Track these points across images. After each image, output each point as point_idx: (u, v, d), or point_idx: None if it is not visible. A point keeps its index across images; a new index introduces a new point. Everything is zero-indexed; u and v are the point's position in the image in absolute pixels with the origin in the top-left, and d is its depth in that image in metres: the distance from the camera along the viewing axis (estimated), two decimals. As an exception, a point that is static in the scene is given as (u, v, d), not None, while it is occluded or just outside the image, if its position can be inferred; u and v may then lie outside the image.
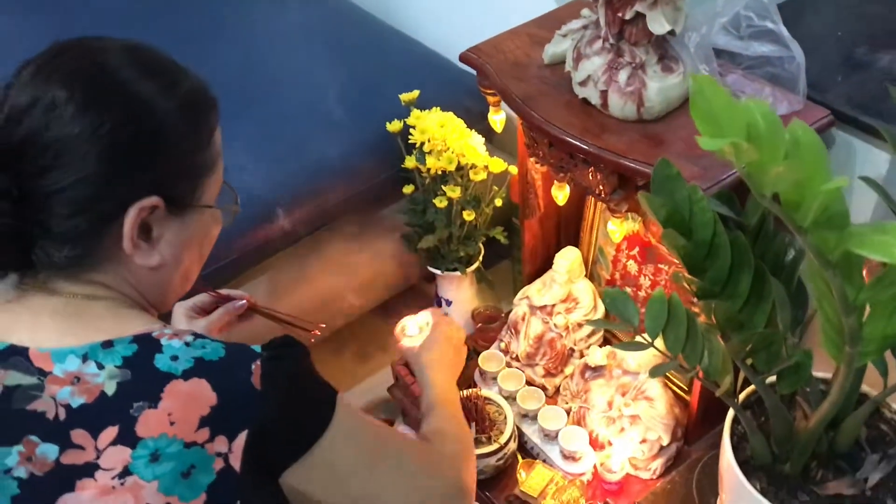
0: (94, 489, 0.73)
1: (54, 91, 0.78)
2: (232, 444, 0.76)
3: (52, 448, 0.75)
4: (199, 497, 0.75)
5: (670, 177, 0.96)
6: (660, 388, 1.46)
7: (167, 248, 0.86)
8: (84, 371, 0.76)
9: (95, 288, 0.83)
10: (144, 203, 0.81)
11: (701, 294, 0.96)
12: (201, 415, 0.75)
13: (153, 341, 0.79)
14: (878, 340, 0.83)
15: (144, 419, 0.75)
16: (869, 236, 0.64)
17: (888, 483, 1.16)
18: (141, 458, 0.74)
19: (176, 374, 0.77)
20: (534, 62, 1.31)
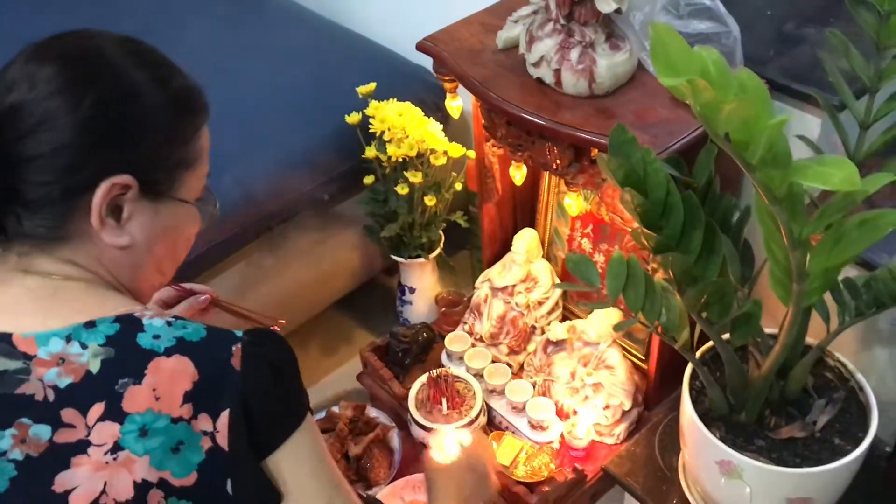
0: (88, 465, 0.75)
1: (46, 67, 0.81)
2: (216, 423, 0.78)
3: (45, 428, 0.76)
4: (191, 475, 0.77)
5: (626, 141, 1.03)
6: (619, 357, 1.53)
7: (138, 231, 0.86)
8: (68, 352, 0.78)
9: (71, 268, 0.85)
10: (116, 180, 0.82)
11: (658, 248, 1.03)
12: (185, 390, 0.77)
13: (135, 321, 0.81)
14: (821, 276, 0.91)
15: (130, 395, 0.76)
16: (810, 168, 0.71)
17: (834, 424, 1.25)
18: (130, 433, 0.76)
19: (159, 352, 0.78)
20: (488, 48, 1.38)
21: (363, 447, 1.54)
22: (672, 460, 1.45)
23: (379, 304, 2.02)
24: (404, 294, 1.83)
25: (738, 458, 1.19)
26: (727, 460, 1.21)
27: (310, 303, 1.82)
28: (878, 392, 1.30)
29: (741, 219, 1.21)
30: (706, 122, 0.74)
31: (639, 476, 1.45)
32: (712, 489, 1.31)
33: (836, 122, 1.12)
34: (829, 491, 1.24)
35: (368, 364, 1.69)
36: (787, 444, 1.24)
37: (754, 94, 0.70)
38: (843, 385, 1.29)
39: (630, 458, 1.48)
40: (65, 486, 0.75)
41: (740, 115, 0.69)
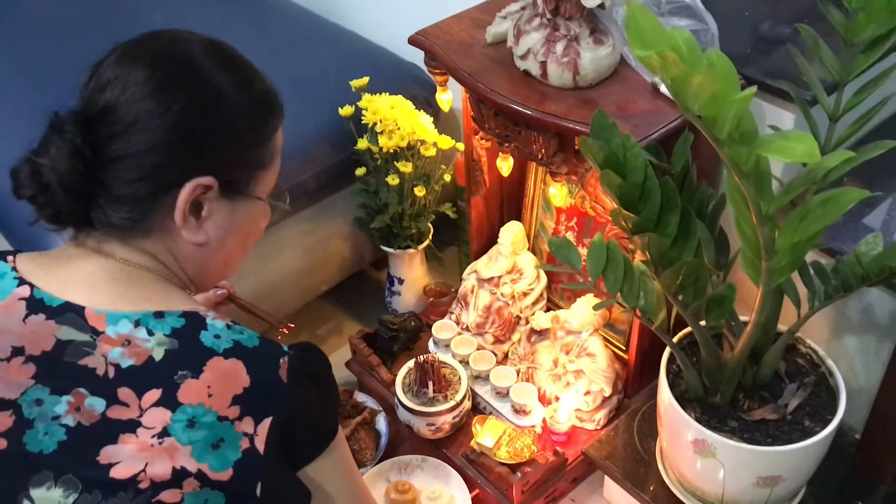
0: (134, 444, 0.79)
1: (137, 70, 0.85)
2: (257, 427, 0.82)
3: (100, 402, 0.80)
4: (227, 471, 0.80)
5: (606, 126, 1.08)
6: (600, 345, 1.58)
7: (213, 229, 0.91)
8: (135, 335, 0.83)
9: (144, 257, 0.89)
10: (201, 181, 0.87)
11: (636, 229, 1.08)
12: (235, 393, 0.81)
13: (200, 318, 0.86)
14: (789, 252, 0.96)
15: (186, 387, 0.81)
16: (774, 142, 0.77)
17: (805, 407, 1.30)
18: (179, 422, 0.80)
19: (217, 352, 0.83)
20: (478, 42, 1.43)
21: (351, 429, 1.58)
22: (650, 445, 1.50)
23: (367, 296, 2.06)
24: (393, 285, 1.88)
25: (711, 437, 1.24)
26: (701, 439, 1.26)
27: (299, 292, 1.86)
28: (848, 379, 1.35)
29: (716, 207, 1.26)
30: (677, 97, 0.79)
31: (618, 460, 1.50)
32: (688, 470, 1.35)
33: (808, 116, 1.18)
34: (799, 470, 1.29)
35: (357, 351, 1.74)
36: (760, 426, 1.29)
37: (722, 70, 0.75)
38: (814, 370, 1.34)
39: (609, 443, 1.53)
40: (109, 459, 0.79)
41: (708, 90, 0.74)
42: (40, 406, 0.81)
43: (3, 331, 0.83)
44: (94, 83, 0.87)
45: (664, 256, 1.13)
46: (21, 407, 0.81)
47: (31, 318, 0.84)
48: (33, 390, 0.82)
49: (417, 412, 1.54)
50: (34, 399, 0.82)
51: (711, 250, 1.22)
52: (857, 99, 1.13)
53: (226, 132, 0.89)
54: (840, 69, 1.14)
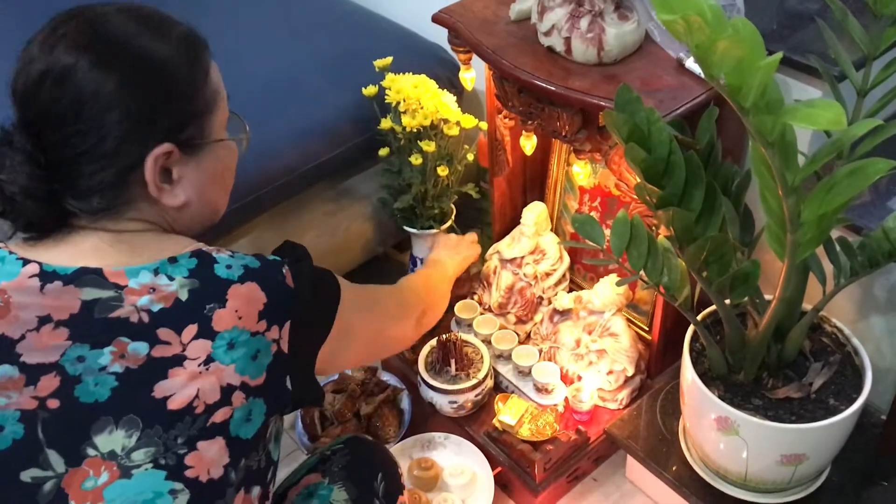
0: (184, 375, 0.86)
1: (62, 60, 0.85)
2: (281, 332, 0.91)
3: (143, 345, 0.86)
4: (262, 375, 0.89)
5: (631, 100, 1.08)
6: (623, 325, 1.58)
7: (190, 187, 0.94)
8: (158, 283, 0.88)
9: (138, 223, 0.93)
10: (158, 151, 0.89)
11: (660, 204, 1.08)
12: (258, 310, 0.89)
13: (207, 255, 0.91)
14: (814, 225, 0.96)
15: (218, 317, 0.87)
16: (800, 110, 0.76)
17: (830, 386, 1.29)
18: (221, 347, 0.87)
19: (234, 280, 0.90)
20: (501, 19, 1.43)
21: (374, 406, 1.59)
22: (673, 425, 1.50)
23: (389, 278, 2.06)
24: (415, 265, 1.88)
25: (735, 415, 1.24)
26: (725, 417, 1.25)
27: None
28: (874, 359, 1.34)
29: (741, 184, 1.25)
30: (702, 64, 0.79)
31: (640, 439, 1.50)
32: (711, 449, 1.35)
33: (835, 90, 1.16)
34: (823, 449, 1.28)
35: (380, 330, 1.74)
36: (784, 404, 1.28)
37: (747, 36, 0.75)
38: (839, 349, 1.33)
39: (632, 422, 1.53)
40: (164, 393, 0.85)
41: (734, 56, 0.73)
42: (83, 362, 0.85)
43: (23, 305, 0.86)
44: (21, 84, 0.87)
45: (688, 231, 1.13)
46: (64, 367, 0.85)
47: (48, 287, 0.87)
48: (72, 350, 0.85)
49: (440, 390, 1.55)
50: (75, 357, 0.85)
51: (736, 227, 1.22)
52: (885, 73, 1.11)
53: (165, 95, 0.90)
54: (868, 43, 1.12)
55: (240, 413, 0.88)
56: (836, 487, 1.38)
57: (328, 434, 1.58)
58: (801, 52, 1.29)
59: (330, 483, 1.11)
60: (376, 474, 1.15)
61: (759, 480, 1.32)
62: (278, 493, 1.12)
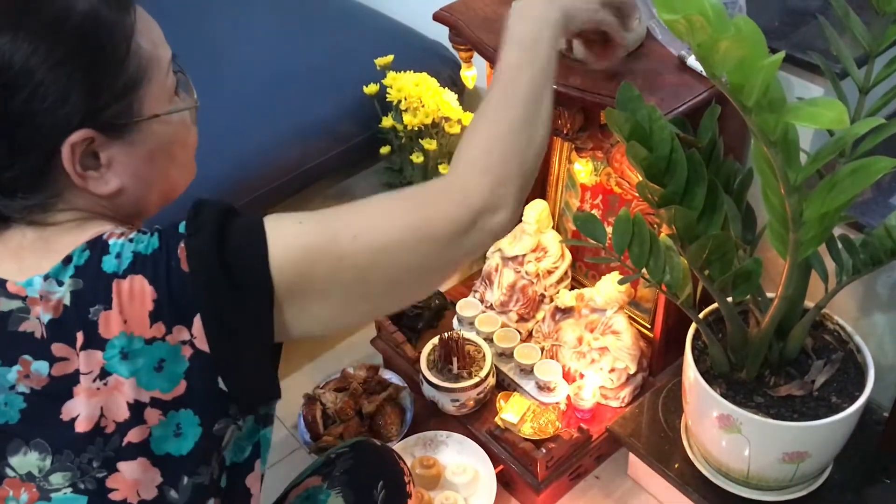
0: (84, 393, 0.76)
1: None
2: (192, 330, 0.75)
3: (44, 364, 0.78)
4: (179, 384, 0.75)
5: (632, 98, 1.08)
6: (625, 323, 1.58)
7: (123, 171, 0.80)
8: (47, 289, 0.77)
9: (70, 214, 0.81)
10: (74, 139, 0.76)
11: (662, 202, 1.08)
12: (148, 310, 0.74)
13: (102, 243, 0.77)
14: (817, 222, 0.96)
15: (104, 321, 0.74)
16: (802, 109, 0.76)
17: (832, 384, 1.29)
18: (113, 358, 0.75)
19: (118, 274, 0.75)
20: (503, 17, 1.38)
21: (376, 405, 1.59)
22: (675, 422, 1.50)
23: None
24: (417, 264, 1.88)
25: (737, 413, 1.24)
26: (727, 415, 1.25)
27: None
28: (877, 357, 1.34)
29: (743, 182, 1.25)
30: (704, 63, 0.79)
31: (642, 437, 1.50)
32: (713, 447, 1.35)
33: (837, 88, 1.16)
34: (825, 446, 1.28)
35: (382, 328, 1.75)
36: (786, 402, 1.28)
37: (749, 35, 0.75)
38: (841, 347, 1.33)
39: (634, 420, 1.53)
40: (70, 415, 0.77)
41: (736, 55, 0.73)
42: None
43: None
44: None
45: (690, 229, 1.13)
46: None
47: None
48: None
49: (442, 388, 1.55)
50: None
51: (738, 225, 1.22)
52: (888, 70, 1.11)
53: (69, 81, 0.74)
54: (871, 40, 1.12)
55: (161, 431, 0.77)
56: (838, 485, 1.38)
57: (330, 433, 1.58)
58: (803, 50, 1.28)
59: (329, 488, 1.08)
60: (377, 482, 1.11)
61: (761, 478, 1.32)
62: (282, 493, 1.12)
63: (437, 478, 1.53)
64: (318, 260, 0.77)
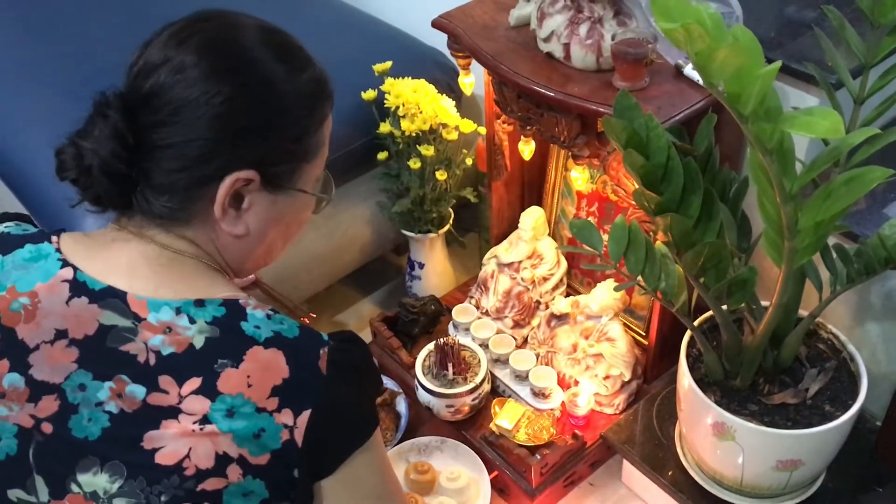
0: (176, 429, 0.79)
1: (184, 55, 0.83)
2: (297, 419, 0.81)
3: (141, 389, 0.81)
4: (265, 456, 0.80)
5: (629, 106, 1.09)
6: (620, 330, 1.58)
7: (254, 221, 0.89)
8: (177, 323, 0.82)
9: (184, 243, 0.88)
10: (241, 174, 0.85)
11: (658, 210, 1.08)
12: (274, 384, 0.80)
13: (240, 308, 0.84)
14: (812, 231, 0.96)
15: (226, 376, 0.80)
16: (798, 118, 0.77)
17: (825, 392, 1.30)
18: (219, 411, 0.79)
19: (259, 341, 0.82)
20: (501, 25, 1.43)
21: (370, 410, 1.59)
22: (669, 430, 1.51)
23: (388, 280, 2.08)
24: (413, 269, 1.89)
25: (731, 420, 1.24)
26: (721, 422, 1.26)
27: (321, 275, 1.88)
28: (870, 366, 1.35)
29: (739, 190, 1.26)
30: (702, 72, 0.80)
31: (636, 444, 1.50)
32: (707, 455, 1.36)
33: (833, 98, 1.17)
34: (818, 455, 1.29)
35: (378, 334, 1.75)
36: (780, 409, 1.29)
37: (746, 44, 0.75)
38: (835, 356, 1.34)
39: (628, 427, 1.54)
40: (153, 444, 0.80)
41: (733, 64, 0.74)
42: (83, 391, 0.82)
43: (46, 313, 0.83)
44: (140, 64, 0.85)
45: (686, 237, 1.13)
46: (65, 392, 0.82)
47: (74, 300, 0.84)
48: (77, 375, 0.82)
49: (437, 394, 1.55)
50: (78, 384, 0.82)
51: (734, 233, 1.22)
52: (882, 81, 1.12)
53: (271, 126, 0.86)
54: (866, 51, 1.13)
55: (235, 488, 0.80)
56: (831, 493, 1.39)
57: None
58: (799, 60, 1.30)
59: None
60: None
61: (754, 486, 1.32)
62: None
63: (431, 483, 1.53)
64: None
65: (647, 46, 1.23)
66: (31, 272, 0.86)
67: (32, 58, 1.91)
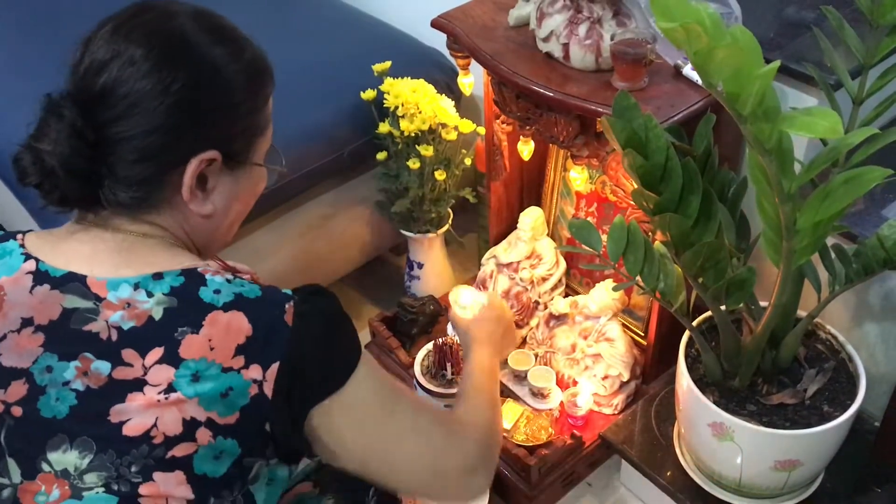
0: (142, 401, 0.82)
1: (132, 49, 0.85)
2: (266, 373, 0.83)
3: (105, 364, 0.83)
4: (234, 415, 0.82)
5: (628, 107, 1.09)
6: (619, 330, 1.58)
7: (219, 199, 0.92)
8: (135, 298, 0.84)
9: (152, 227, 0.90)
10: (205, 156, 0.88)
11: (657, 210, 1.08)
12: (238, 343, 0.82)
13: (199, 275, 0.86)
14: (810, 231, 0.96)
15: (187, 343, 0.82)
16: (797, 118, 0.77)
17: (824, 392, 1.30)
18: (183, 378, 0.81)
19: (217, 306, 0.84)
20: (500, 25, 1.43)
21: (369, 410, 1.59)
22: (668, 430, 1.51)
23: (387, 280, 2.08)
24: (412, 269, 1.89)
25: (729, 420, 1.25)
26: (719, 423, 1.26)
27: (320, 275, 1.88)
28: (868, 366, 1.35)
29: (738, 191, 1.26)
30: (701, 72, 0.80)
31: (635, 444, 1.50)
32: (705, 455, 1.36)
33: (832, 98, 1.17)
34: (817, 455, 1.29)
35: (377, 333, 1.75)
36: (778, 410, 1.29)
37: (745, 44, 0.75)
38: (833, 356, 1.34)
39: (627, 427, 1.54)
40: (119, 417, 0.82)
41: (732, 64, 0.74)
42: (50, 373, 0.84)
43: (12, 304, 0.86)
44: (87, 62, 0.86)
45: (685, 237, 1.13)
46: (33, 375, 0.84)
47: (37, 289, 0.86)
48: (43, 358, 0.84)
49: (436, 394, 1.55)
50: (45, 366, 0.84)
51: (732, 233, 1.22)
52: (881, 82, 1.12)
53: (225, 106, 0.89)
54: (865, 52, 1.13)
55: (206, 450, 0.82)
56: (829, 493, 1.39)
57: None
58: (798, 61, 1.30)
59: (321, 493, 1.09)
60: (369, 487, 1.11)
61: (753, 486, 1.32)
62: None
63: (429, 483, 1.53)
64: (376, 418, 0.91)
65: (646, 47, 1.23)
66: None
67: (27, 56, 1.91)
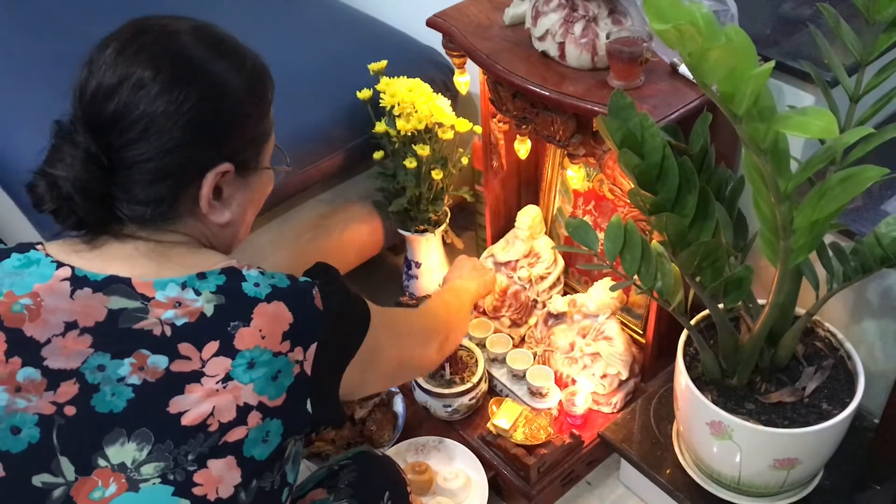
0: (200, 392, 0.86)
1: (140, 71, 0.87)
2: (306, 353, 0.90)
3: (163, 359, 0.86)
4: (282, 396, 0.88)
5: (624, 106, 1.08)
6: (617, 329, 1.58)
7: (235, 207, 0.97)
8: (184, 297, 0.88)
9: (176, 235, 0.94)
10: (219, 169, 0.92)
11: (654, 209, 1.08)
12: (283, 330, 0.89)
13: (237, 272, 0.92)
14: (807, 230, 0.96)
15: (240, 336, 0.87)
16: (792, 118, 0.76)
17: (822, 390, 1.30)
18: (240, 366, 0.87)
19: (261, 298, 0.89)
20: (495, 24, 1.43)
21: (368, 410, 1.59)
22: (667, 428, 1.50)
23: (385, 280, 2.07)
24: (410, 269, 1.88)
25: (728, 419, 1.24)
26: (718, 421, 1.26)
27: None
28: (867, 363, 1.35)
29: (735, 189, 1.26)
30: (695, 73, 0.79)
31: (634, 442, 1.50)
32: (704, 453, 1.36)
33: (828, 96, 1.17)
34: (816, 453, 1.29)
35: (374, 333, 1.74)
36: (777, 408, 1.29)
37: (740, 44, 0.75)
38: (832, 354, 1.34)
39: (626, 426, 1.53)
40: (178, 409, 0.85)
41: (726, 64, 0.74)
42: (103, 371, 0.86)
43: (52, 309, 0.87)
44: (93, 86, 0.88)
45: (682, 236, 1.13)
46: (84, 374, 0.86)
47: (78, 293, 0.87)
48: (94, 358, 0.86)
49: (434, 394, 1.55)
50: (96, 365, 0.86)
51: (730, 232, 1.22)
52: (878, 79, 1.12)
53: (235, 118, 0.93)
54: (861, 49, 1.13)
55: (255, 433, 0.87)
56: (828, 491, 1.39)
57: (322, 437, 1.58)
58: (794, 58, 1.29)
59: (335, 500, 1.10)
60: (383, 493, 1.14)
61: (751, 484, 1.32)
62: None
63: (429, 483, 1.53)
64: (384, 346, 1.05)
65: (641, 45, 1.23)
66: (25, 277, 0.89)
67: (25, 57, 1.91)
